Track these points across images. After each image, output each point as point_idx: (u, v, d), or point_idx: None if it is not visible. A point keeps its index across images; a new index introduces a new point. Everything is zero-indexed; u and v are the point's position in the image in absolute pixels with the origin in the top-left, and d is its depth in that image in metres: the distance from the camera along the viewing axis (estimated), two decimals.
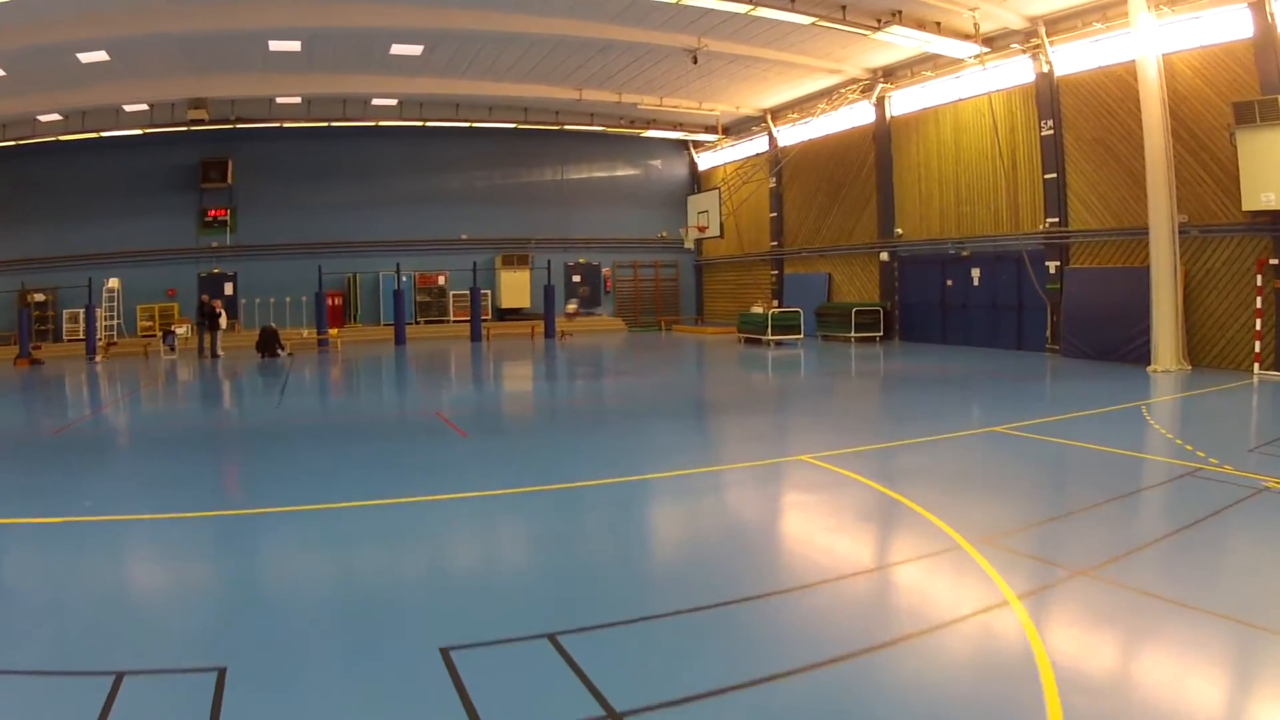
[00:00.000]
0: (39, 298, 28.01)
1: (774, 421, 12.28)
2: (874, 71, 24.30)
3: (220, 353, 24.94)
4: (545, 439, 11.37)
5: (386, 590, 5.56)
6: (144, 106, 25.64)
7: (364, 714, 3.79)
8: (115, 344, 26.43)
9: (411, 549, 6.55)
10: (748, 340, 25.16)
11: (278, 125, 27.63)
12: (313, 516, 7.35)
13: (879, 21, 19.05)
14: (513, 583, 5.77)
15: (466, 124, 28.84)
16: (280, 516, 7.41)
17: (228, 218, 29.13)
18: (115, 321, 27.45)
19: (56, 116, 25.57)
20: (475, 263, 29.75)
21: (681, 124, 31.13)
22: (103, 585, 5.80)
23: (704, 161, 34.89)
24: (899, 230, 24.54)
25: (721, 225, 28.27)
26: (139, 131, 26.69)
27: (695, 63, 22.20)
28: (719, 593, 5.20)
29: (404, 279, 28.85)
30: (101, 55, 20.87)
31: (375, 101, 27.22)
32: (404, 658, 4.32)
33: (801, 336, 24.45)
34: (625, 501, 7.90)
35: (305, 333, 26.94)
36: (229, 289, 29.15)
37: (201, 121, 25.46)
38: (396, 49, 22.39)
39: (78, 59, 20.86)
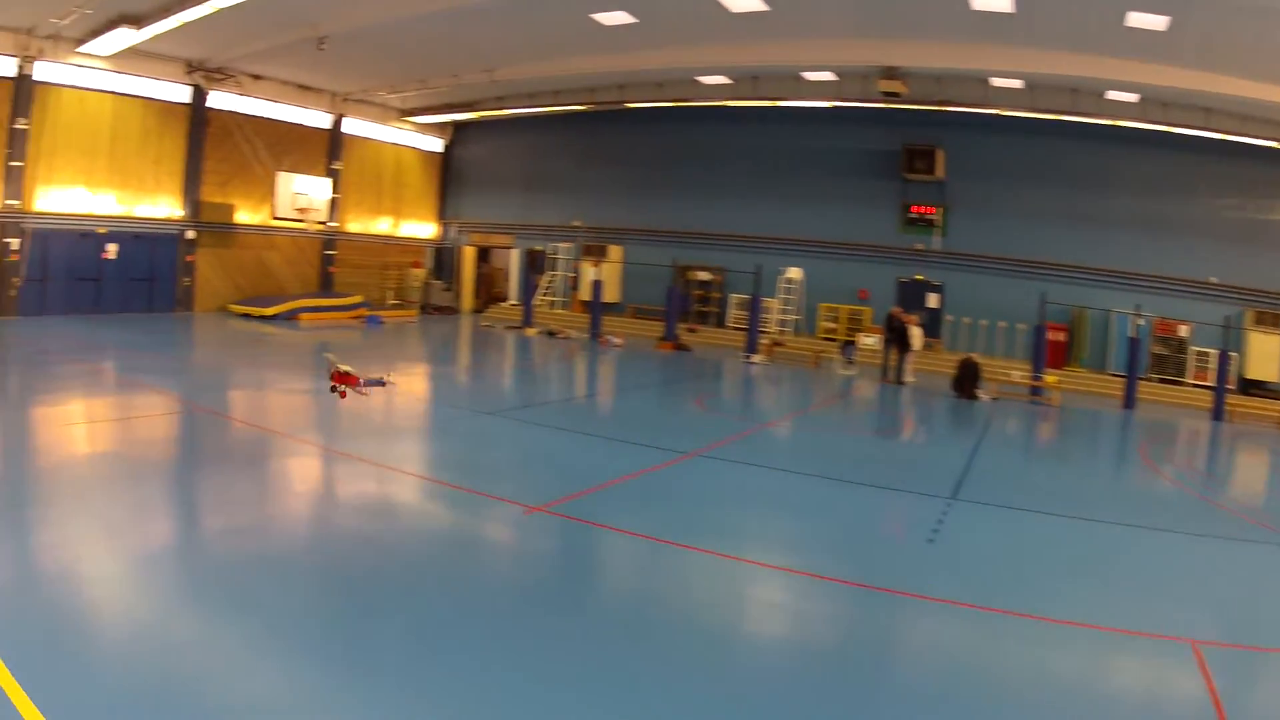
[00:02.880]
0: (703, 276, 26.16)
1: None
2: None
3: (907, 379, 19.58)
4: None
5: None
6: (829, 76, 21.60)
7: None
8: (782, 344, 22.92)
9: None
10: None
11: (993, 114, 21.67)
12: None
13: None
14: None
15: (1218, 135, 20.05)
16: None
17: (936, 218, 23.82)
18: (792, 317, 24.20)
19: (722, 80, 22.81)
20: (1227, 317, 20.48)
21: None
22: None
23: None
24: None
25: None
26: (825, 105, 22.74)
27: None
28: None
29: (1141, 323, 20.43)
30: (754, 3, 16.82)
31: (1110, 95, 19.89)
32: None
33: None
34: None
35: (1016, 373, 20.19)
36: (933, 302, 23.86)
37: (897, 96, 20.50)
38: (1135, 19, 15.14)
39: (721, 6, 17.07)
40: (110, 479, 7.94)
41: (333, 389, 9.66)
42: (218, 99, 24.17)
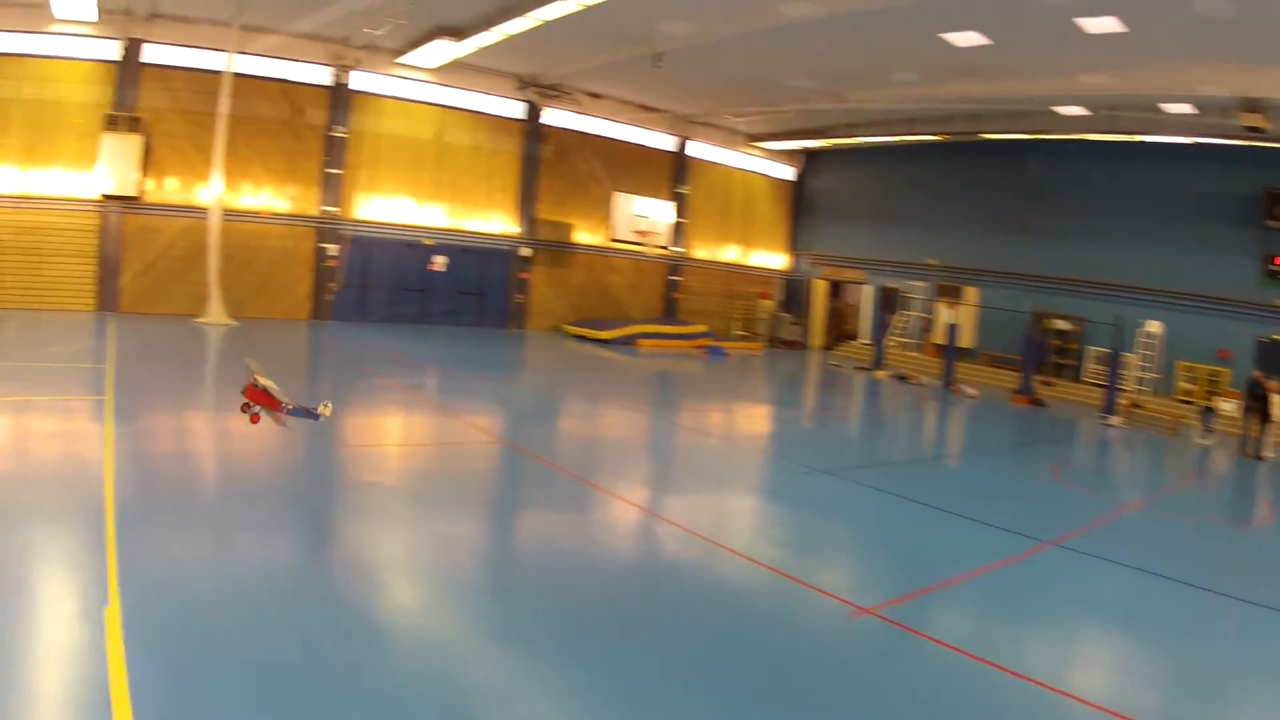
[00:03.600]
0: (1061, 325, 25.21)
1: None
2: None
3: (1269, 454, 18.94)
4: None
5: None
6: (1187, 109, 20.09)
7: None
8: (1141, 405, 22.47)
9: None
10: None
11: None
12: None
13: None
14: None
15: None
16: None
17: None
18: (1150, 375, 23.50)
19: (1080, 111, 21.61)
20: None
21: None
22: None
23: None
24: None
25: None
26: (1186, 140, 21.35)
27: None
28: None
29: None
30: (1110, 23, 15.52)
31: None
32: None
33: None
34: None
35: None
36: None
37: (1259, 132, 19.06)
38: None
39: (1078, 26, 15.85)
40: (392, 513, 8.15)
41: (244, 408, 7.78)
42: (553, 116, 24.39)
